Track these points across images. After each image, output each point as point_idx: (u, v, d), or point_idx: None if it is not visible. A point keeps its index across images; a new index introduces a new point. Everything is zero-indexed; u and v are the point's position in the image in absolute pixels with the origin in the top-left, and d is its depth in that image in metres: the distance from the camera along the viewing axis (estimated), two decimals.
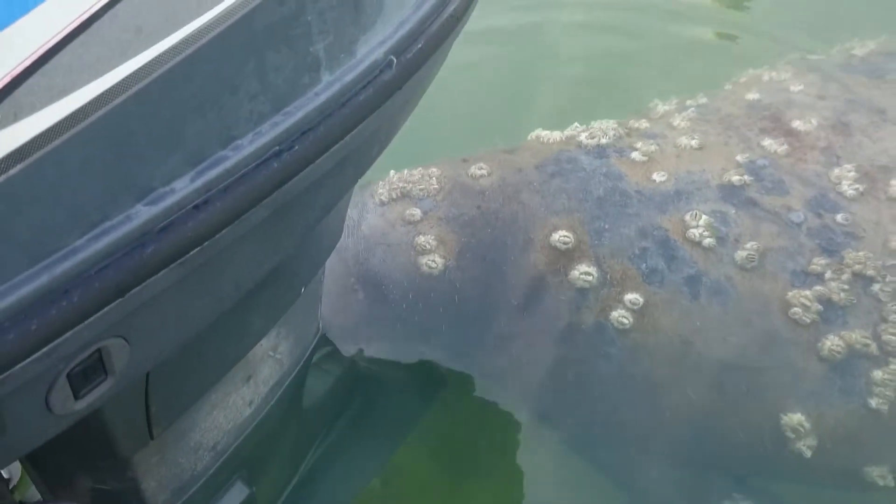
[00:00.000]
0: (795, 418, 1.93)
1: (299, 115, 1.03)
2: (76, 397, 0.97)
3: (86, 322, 0.88)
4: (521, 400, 2.17)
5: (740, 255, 2.03)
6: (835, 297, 1.97)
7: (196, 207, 0.94)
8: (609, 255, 2.05)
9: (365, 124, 1.11)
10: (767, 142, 2.24)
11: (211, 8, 0.94)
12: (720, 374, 1.97)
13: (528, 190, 2.16)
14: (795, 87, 2.44)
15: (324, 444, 2.11)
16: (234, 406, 1.53)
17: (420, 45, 1.15)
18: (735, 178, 2.14)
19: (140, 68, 0.89)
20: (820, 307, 1.96)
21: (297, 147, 1.02)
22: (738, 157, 2.20)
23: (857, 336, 1.95)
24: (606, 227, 2.08)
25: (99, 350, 0.95)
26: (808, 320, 1.95)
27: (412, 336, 2.16)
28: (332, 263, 2.08)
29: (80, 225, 0.87)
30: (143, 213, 0.90)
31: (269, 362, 1.60)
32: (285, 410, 1.76)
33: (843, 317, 1.97)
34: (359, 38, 1.10)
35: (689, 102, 2.50)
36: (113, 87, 0.87)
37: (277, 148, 1.01)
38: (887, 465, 1.97)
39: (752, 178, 2.15)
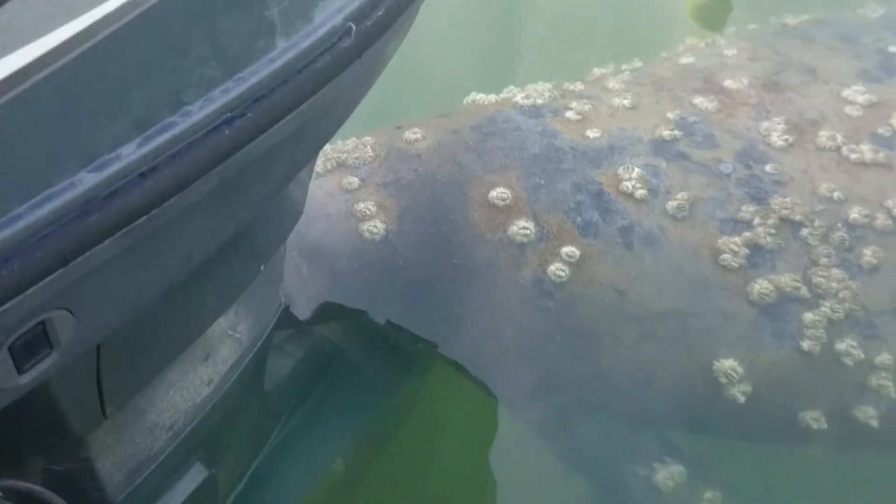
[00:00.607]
0: (727, 364, 1.96)
1: (252, 81, 0.99)
2: (19, 371, 0.92)
3: (27, 292, 0.84)
4: (468, 361, 2.16)
5: (671, 205, 2.06)
6: (762, 242, 2.02)
7: (142, 175, 0.90)
8: (546, 209, 2.07)
9: (322, 93, 1.07)
10: (698, 100, 2.29)
11: None
12: (653, 322, 2.00)
13: (464, 150, 2.16)
14: (729, 52, 2.49)
15: (286, 424, 2.07)
16: (191, 385, 1.49)
17: (381, 13, 1.11)
18: (666, 134, 2.19)
19: (85, 29, 0.84)
20: (748, 252, 2.01)
21: (249, 115, 0.98)
22: (669, 115, 2.24)
23: (786, 280, 1.99)
24: (542, 182, 2.10)
25: (42, 322, 0.91)
26: (737, 265, 2.00)
27: (363, 307, 2.13)
28: None
29: (20, 191, 0.83)
30: (87, 180, 0.87)
31: (227, 341, 1.56)
32: (245, 390, 1.72)
33: (772, 261, 2.02)
34: (317, 3, 1.05)
35: (624, 67, 2.54)
36: (55, 48, 0.83)
37: (229, 115, 0.97)
38: (821, 408, 1.99)
39: (682, 133, 2.20)
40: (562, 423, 2.12)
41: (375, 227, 2.06)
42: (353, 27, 1.07)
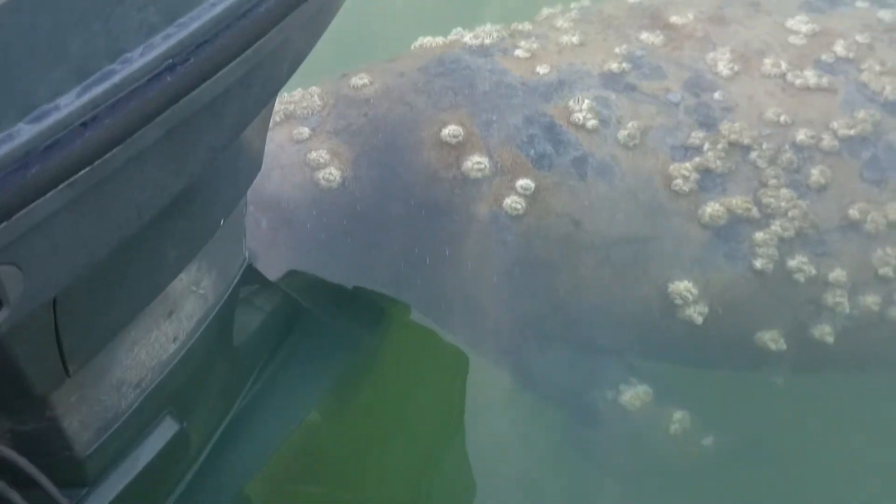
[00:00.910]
0: (682, 285, 1.99)
1: (194, 26, 0.96)
2: None
3: None
4: (431, 303, 2.16)
5: (622, 134, 2.08)
6: (713, 167, 2.04)
7: (83, 125, 0.88)
8: (499, 144, 2.07)
9: (268, 38, 1.04)
10: (645, 35, 2.30)
11: None
12: (609, 249, 2.03)
13: (413, 92, 2.15)
14: None
15: (256, 379, 2.05)
16: (156, 342, 1.47)
17: None
18: (614, 67, 2.19)
19: None
20: (698, 177, 2.03)
21: (192, 60, 0.96)
22: (617, 50, 2.24)
23: (737, 202, 2.02)
24: (494, 118, 2.10)
25: None
26: (688, 190, 2.02)
27: (326, 257, 2.11)
28: None
29: None
30: (25, 132, 0.85)
31: (191, 297, 1.54)
32: (213, 345, 1.71)
33: (723, 185, 2.04)
34: None
35: (573, 6, 2.52)
36: None
37: (170, 62, 0.94)
38: (778, 328, 2.02)
39: (630, 66, 2.21)
40: (526, 355, 2.13)
41: (331, 174, 2.04)
42: None
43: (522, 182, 2.04)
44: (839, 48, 2.25)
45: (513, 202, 2.03)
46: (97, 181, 0.93)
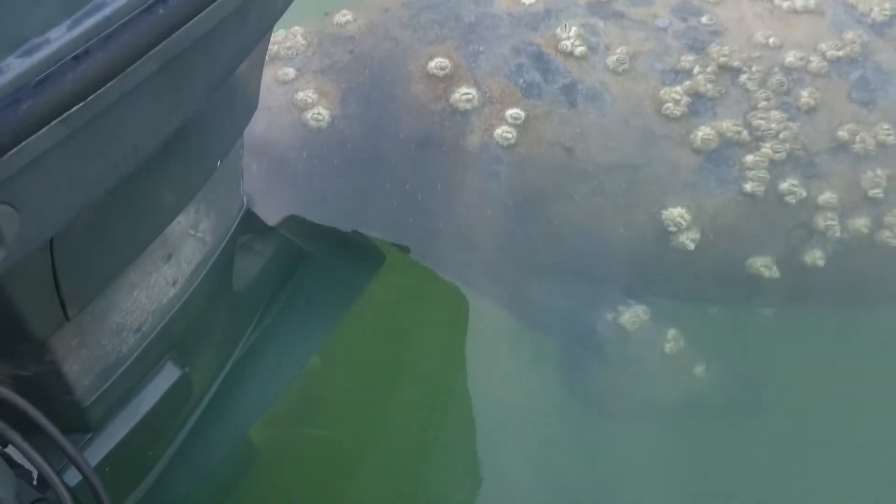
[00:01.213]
0: (675, 212, 1.99)
1: None
2: None
3: None
4: (427, 240, 2.15)
5: (611, 60, 2.05)
6: (703, 90, 2.02)
7: (76, 59, 0.86)
8: (487, 75, 2.04)
9: None
10: None
11: None
12: (602, 176, 2.01)
13: (398, 26, 2.11)
14: None
15: (258, 324, 2.04)
16: (156, 286, 1.45)
17: None
18: None
19: None
20: (689, 100, 2.01)
21: None
22: None
23: (728, 125, 2.00)
24: (481, 49, 2.07)
25: None
26: (679, 114, 2.01)
27: (321, 198, 2.10)
28: None
29: None
30: (15, 66, 0.82)
31: (190, 241, 1.51)
32: (214, 290, 1.68)
33: (713, 108, 2.02)
34: None
35: None
36: None
37: None
38: (770, 255, 2.04)
39: None
40: (523, 285, 2.14)
41: (319, 114, 2.02)
42: None
43: (512, 111, 2.02)
44: None
45: (503, 132, 2.01)
46: (91, 117, 0.90)
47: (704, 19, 2.13)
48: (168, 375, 1.61)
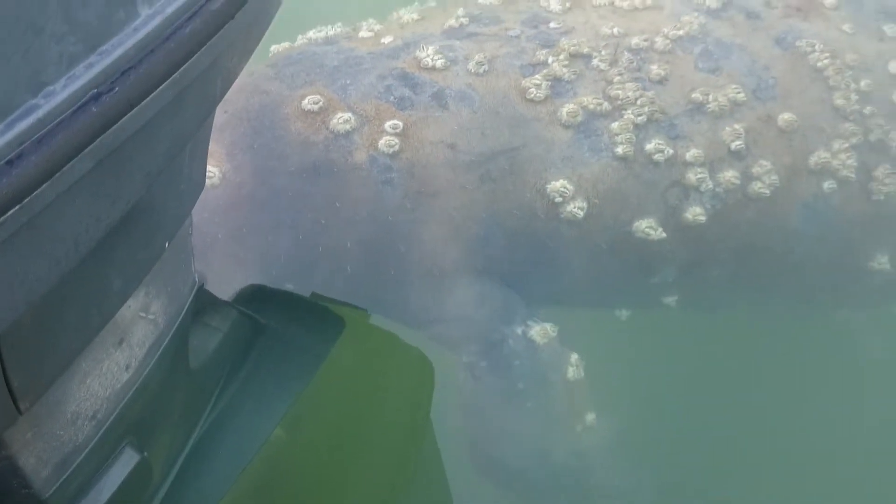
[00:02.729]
0: (558, 184, 2.08)
1: (117, 53, 0.90)
2: None
3: None
4: (337, 272, 2.12)
5: (471, 65, 2.16)
6: (560, 74, 2.14)
7: (9, 163, 0.83)
8: (359, 100, 2.10)
9: (196, 59, 0.99)
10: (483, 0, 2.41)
11: None
12: (487, 164, 2.09)
13: (266, 81, 2.15)
14: None
15: (217, 402, 1.96)
16: (108, 372, 1.39)
17: None
18: (454, 23, 2.31)
19: None
20: (550, 84, 2.13)
21: (117, 89, 0.90)
22: (458, 12, 2.34)
23: (588, 100, 2.11)
24: (349, 82, 2.13)
25: None
26: (543, 96, 2.11)
27: (236, 252, 2.05)
28: None
29: None
30: None
31: (141, 323, 1.45)
32: (169, 371, 1.62)
33: (573, 89, 2.13)
34: None
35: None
36: None
37: (95, 91, 0.89)
38: (652, 216, 2.11)
39: (469, 20, 2.32)
40: (437, 296, 2.16)
41: (210, 172, 1.99)
42: None
43: (390, 123, 2.08)
44: None
45: (387, 141, 2.07)
46: (28, 219, 0.87)
47: (552, 24, 2.25)
48: (127, 461, 1.55)
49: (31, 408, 1.19)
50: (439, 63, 2.16)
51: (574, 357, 2.13)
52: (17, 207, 0.85)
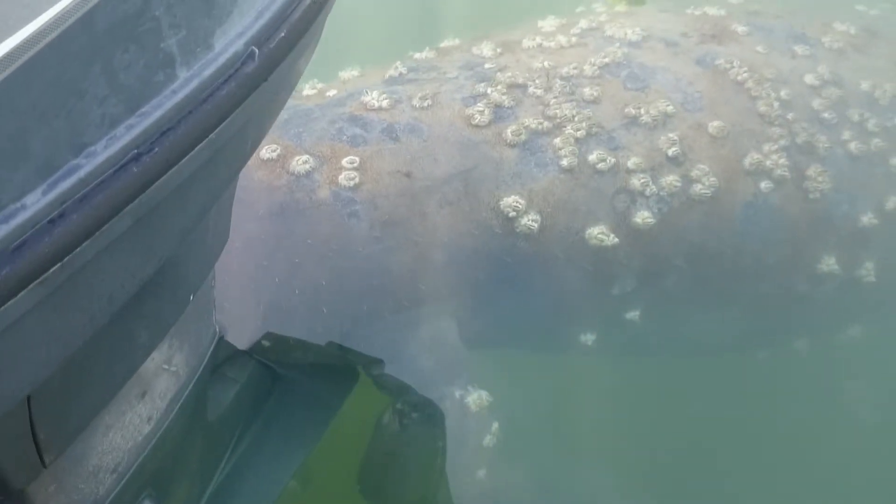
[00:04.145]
0: (510, 199, 2.13)
1: (156, 115, 0.91)
2: None
3: None
4: (314, 308, 2.08)
5: (416, 101, 2.23)
6: (500, 101, 2.23)
7: (51, 222, 0.83)
8: (314, 143, 2.14)
9: (231, 120, 0.99)
10: (417, 55, 2.52)
11: (44, 11, 0.79)
12: (443, 187, 2.14)
13: None
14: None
15: (234, 451, 1.91)
16: (130, 424, 1.36)
17: (283, 34, 1.03)
18: (394, 73, 2.38)
19: None
20: (492, 111, 2.21)
21: (157, 149, 0.91)
22: (395, 64, 2.43)
23: (530, 121, 2.20)
24: (301, 130, 2.18)
25: None
26: (487, 121, 2.19)
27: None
28: None
29: None
30: None
31: (163, 376, 1.43)
32: (188, 423, 1.59)
33: (514, 114, 2.22)
34: (215, 30, 0.97)
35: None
36: None
37: (135, 152, 0.89)
38: (603, 223, 2.15)
39: (408, 70, 2.41)
40: (397, 337, 2.15)
41: None
42: (256, 51, 1.00)
43: (347, 159, 2.13)
44: (583, 24, 2.56)
45: (346, 176, 2.11)
46: (68, 276, 0.87)
47: (487, 65, 2.36)
48: None
49: (55, 461, 1.18)
50: (385, 103, 2.23)
51: (495, 426, 2.14)
52: (58, 265, 0.85)
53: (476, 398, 2.13)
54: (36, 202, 0.83)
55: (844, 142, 2.34)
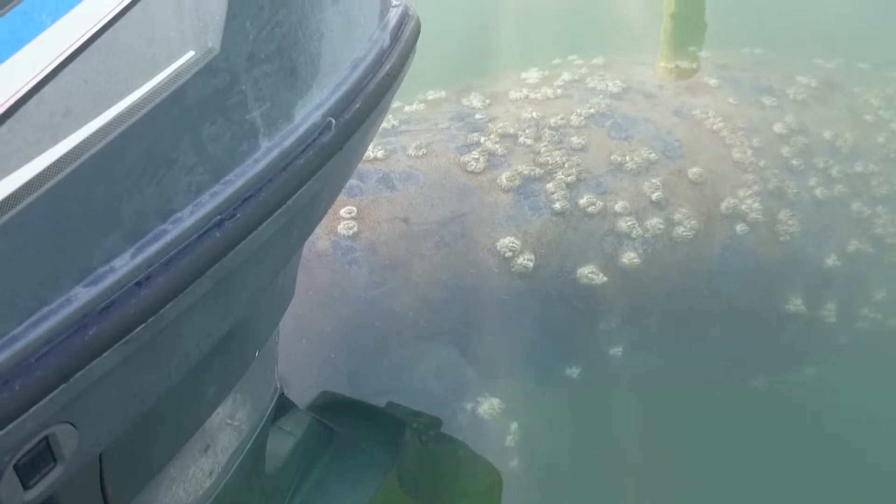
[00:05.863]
0: (507, 241, 2.18)
1: (239, 183, 0.93)
2: (25, 488, 0.84)
3: (30, 411, 0.77)
4: (316, 351, 2.09)
5: (411, 151, 2.27)
6: (493, 149, 2.29)
7: (138, 284, 0.84)
8: None
9: (307, 187, 1.01)
10: (407, 107, 2.58)
11: (140, 86, 0.81)
12: (440, 231, 2.17)
13: None
14: None
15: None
16: (193, 478, 1.35)
17: (358, 105, 1.07)
18: (385, 125, 2.41)
19: (71, 150, 0.77)
20: (486, 158, 2.27)
21: (238, 215, 0.93)
22: (388, 116, 2.42)
23: (523, 167, 2.26)
24: None
25: (46, 437, 0.83)
26: (482, 168, 2.25)
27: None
28: None
29: (17, 312, 0.76)
30: (82, 295, 0.80)
31: (226, 430, 1.43)
32: (247, 477, 1.56)
33: (507, 161, 2.28)
34: (296, 102, 1.00)
35: None
36: (44, 170, 0.75)
37: (219, 217, 0.91)
38: (593, 263, 2.20)
39: (399, 123, 2.47)
40: (394, 371, 2.16)
41: None
42: (333, 122, 1.03)
43: (345, 209, 2.15)
44: (565, 76, 2.63)
45: (345, 226, 2.14)
46: (150, 337, 0.88)
47: (478, 115, 2.42)
48: None
49: None
50: (380, 154, 2.27)
51: (514, 426, 2.15)
52: (142, 326, 0.86)
53: (488, 407, 2.15)
54: (124, 265, 0.84)
55: (811, 187, 2.43)
